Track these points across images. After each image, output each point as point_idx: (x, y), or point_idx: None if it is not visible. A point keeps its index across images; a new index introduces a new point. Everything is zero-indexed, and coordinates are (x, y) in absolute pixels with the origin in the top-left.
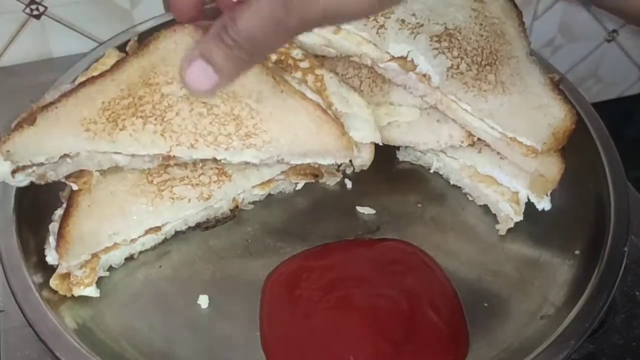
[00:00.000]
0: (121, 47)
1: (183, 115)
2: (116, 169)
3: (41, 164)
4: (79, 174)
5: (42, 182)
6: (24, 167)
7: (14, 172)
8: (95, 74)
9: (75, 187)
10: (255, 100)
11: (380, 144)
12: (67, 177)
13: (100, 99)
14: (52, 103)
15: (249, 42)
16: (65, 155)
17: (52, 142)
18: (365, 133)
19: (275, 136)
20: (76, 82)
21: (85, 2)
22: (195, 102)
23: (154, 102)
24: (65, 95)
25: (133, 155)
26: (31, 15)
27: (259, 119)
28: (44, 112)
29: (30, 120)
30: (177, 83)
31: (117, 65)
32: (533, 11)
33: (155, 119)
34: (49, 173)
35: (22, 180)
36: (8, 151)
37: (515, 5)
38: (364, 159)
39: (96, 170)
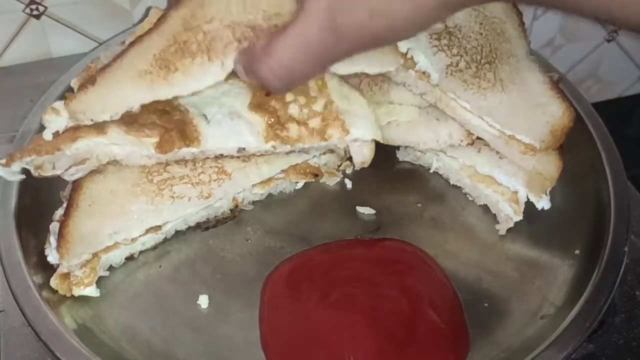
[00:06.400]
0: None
1: (227, 40)
2: (116, 168)
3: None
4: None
5: (38, 174)
6: (21, 156)
7: (8, 162)
8: (141, 33)
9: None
10: None
11: (381, 141)
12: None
13: (151, 52)
14: (108, 64)
15: (287, 73)
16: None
17: (115, 98)
18: (366, 130)
19: None
20: (126, 43)
21: (85, 2)
22: (236, 27)
23: (198, 41)
24: (119, 55)
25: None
26: (31, 15)
27: None
28: (102, 73)
29: (91, 81)
30: (216, 20)
31: (159, 21)
32: (533, 11)
33: (202, 53)
34: (46, 165)
35: (16, 170)
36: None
37: (516, 6)
38: (364, 156)
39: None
